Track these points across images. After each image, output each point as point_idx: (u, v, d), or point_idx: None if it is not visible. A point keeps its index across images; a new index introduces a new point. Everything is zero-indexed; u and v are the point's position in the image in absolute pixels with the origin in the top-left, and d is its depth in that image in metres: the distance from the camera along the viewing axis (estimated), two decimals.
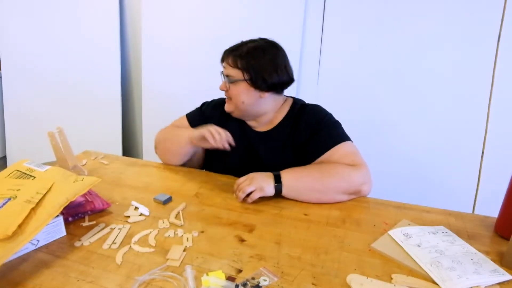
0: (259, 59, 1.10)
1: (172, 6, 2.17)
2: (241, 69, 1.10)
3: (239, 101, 1.13)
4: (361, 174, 1.03)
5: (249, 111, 1.16)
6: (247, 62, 1.10)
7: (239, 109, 1.16)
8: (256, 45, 1.13)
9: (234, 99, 1.14)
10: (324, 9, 1.96)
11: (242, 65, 1.10)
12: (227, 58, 1.13)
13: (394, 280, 0.71)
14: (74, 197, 0.82)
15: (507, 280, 0.71)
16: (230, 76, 1.12)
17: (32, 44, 2.38)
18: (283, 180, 1.00)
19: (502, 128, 1.85)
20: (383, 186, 1.96)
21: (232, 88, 1.13)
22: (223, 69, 1.15)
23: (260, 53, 1.11)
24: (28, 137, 2.52)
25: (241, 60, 1.10)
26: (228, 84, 1.13)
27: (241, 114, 1.18)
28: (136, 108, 2.57)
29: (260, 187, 0.98)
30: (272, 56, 1.12)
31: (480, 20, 1.78)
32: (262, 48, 1.12)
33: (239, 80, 1.11)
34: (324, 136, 1.11)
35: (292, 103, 1.21)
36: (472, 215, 0.98)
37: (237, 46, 1.13)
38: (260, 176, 1.00)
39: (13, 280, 0.69)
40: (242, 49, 1.11)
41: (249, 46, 1.12)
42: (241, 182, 1.01)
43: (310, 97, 2.02)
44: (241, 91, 1.12)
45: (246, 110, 1.16)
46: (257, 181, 0.98)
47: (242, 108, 1.15)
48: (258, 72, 1.10)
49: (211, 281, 0.68)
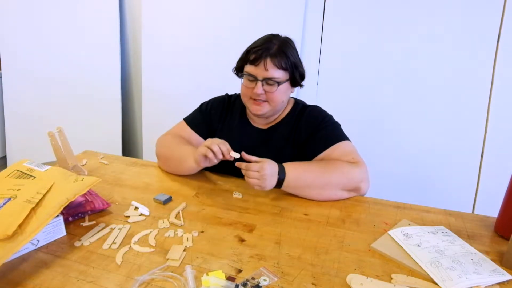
0: (293, 55, 1.09)
1: (172, 6, 2.17)
2: (286, 69, 1.07)
3: (280, 101, 1.11)
4: (360, 171, 1.04)
5: (281, 109, 1.16)
6: (289, 60, 1.07)
7: (276, 109, 1.13)
8: (283, 41, 1.09)
9: (276, 100, 1.09)
10: (324, 9, 1.96)
11: (286, 65, 1.07)
12: (265, 59, 1.05)
13: (394, 280, 0.71)
14: (74, 197, 0.82)
15: (507, 280, 0.71)
16: (275, 78, 1.06)
17: (32, 44, 2.38)
18: (286, 179, 0.99)
19: (502, 128, 1.85)
20: (383, 186, 1.96)
21: (277, 89, 1.07)
22: (261, 72, 1.06)
23: (291, 48, 1.09)
24: (28, 137, 2.52)
25: (284, 60, 1.06)
26: (274, 87, 1.07)
27: (273, 113, 1.15)
28: (136, 108, 2.57)
29: (264, 186, 0.96)
30: (296, 50, 1.12)
31: (479, 20, 1.78)
32: (288, 43, 1.10)
33: (284, 81, 1.09)
34: (324, 134, 1.12)
35: (294, 103, 1.21)
36: (472, 215, 0.98)
37: (267, 46, 1.06)
38: (270, 175, 0.96)
39: (13, 280, 0.69)
40: (275, 47, 1.06)
41: (278, 44, 1.07)
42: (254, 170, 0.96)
43: (310, 97, 2.02)
44: (284, 91, 1.10)
45: (281, 109, 1.15)
46: (265, 182, 0.95)
47: (279, 108, 1.14)
48: (297, 69, 1.10)
49: (211, 281, 0.68)
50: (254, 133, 1.20)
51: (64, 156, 1.08)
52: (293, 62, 1.09)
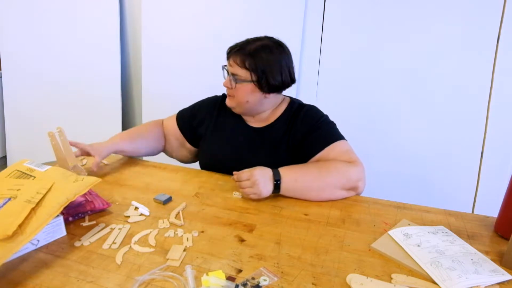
0: (266, 60, 1.09)
1: (172, 6, 2.17)
2: (248, 69, 1.09)
3: (244, 100, 1.13)
4: (358, 170, 1.04)
5: (252, 109, 1.17)
6: (255, 63, 1.08)
7: (241, 107, 1.16)
8: (263, 44, 1.10)
9: (239, 97, 1.13)
10: (324, 9, 1.96)
11: (250, 66, 1.09)
12: (235, 56, 1.10)
13: (394, 280, 0.71)
14: (74, 197, 0.82)
15: (507, 280, 0.72)
16: (237, 75, 1.10)
17: (32, 44, 2.38)
18: (282, 182, 0.99)
19: (502, 128, 1.85)
20: (383, 186, 1.96)
21: (238, 87, 1.12)
22: (229, 67, 1.13)
23: (268, 54, 1.09)
24: (28, 137, 2.52)
25: (249, 60, 1.08)
26: (234, 83, 1.12)
27: (243, 111, 1.19)
28: (136, 108, 2.57)
29: (260, 193, 0.97)
30: (278, 58, 1.11)
31: (479, 21, 1.78)
32: (269, 48, 1.10)
33: (246, 81, 1.10)
34: (321, 134, 1.12)
35: (289, 102, 1.22)
36: (472, 215, 0.98)
37: (244, 44, 1.11)
38: (262, 180, 0.97)
39: (13, 280, 0.69)
40: (250, 47, 1.09)
41: (256, 45, 1.09)
42: (243, 180, 0.99)
43: (309, 97, 2.03)
44: (247, 91, 1.12)
45: (249, 108, 1.16)
46: (258, 187, 0.97)
47: (245, 107, 1.16)
48: (265, 74, 1.09)
49: (211, 281, 0.68)
50: (249, 132, 1.20)
51: (64, 156, 1.08)
52: (263, 66, 1.08)
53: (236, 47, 1.12)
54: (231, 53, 1.12)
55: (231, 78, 1.12)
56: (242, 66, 1.09)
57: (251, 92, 1.12)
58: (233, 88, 1.12)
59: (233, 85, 1.12)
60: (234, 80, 1.12)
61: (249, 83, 1.10)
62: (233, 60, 1.11)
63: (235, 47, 1.12)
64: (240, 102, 1.14)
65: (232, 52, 1.12)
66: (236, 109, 1.18)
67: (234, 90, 1.13)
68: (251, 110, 1.17)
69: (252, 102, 1.14)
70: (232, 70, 1.12)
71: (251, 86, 1.11)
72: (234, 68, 1.11)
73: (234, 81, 1.12)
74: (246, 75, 1.10)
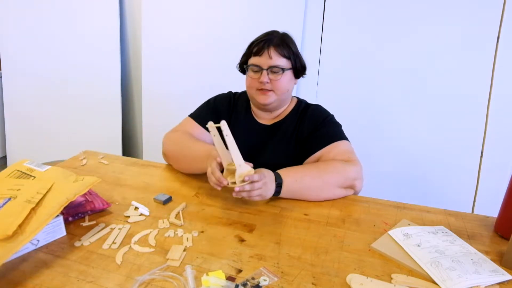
0: (294, 45, 1.14)
1: (172, 6, 2.17)
2: (287, 57, 1.12)
3: (285, 90, 1.14)
4: (355, 169, 1.05)
5: (285, 100, 1.19)
6: (291, 50, 1.12)
7: (281, 99, 1.16)
8: (283, 33, 1.15)
9: (282, 88, 1.13)
10: (324, 9, 1.96)
11: (288, 53, 1.12)
12: (269, 49, 1.10)
13: (394, 280, 0.71)
14: (74, 197, 0.82)
15: (507, 280, 0.71)
16: (279, 66, 1.10)
17: (32, 44, 2.38)
18: (284, 182, 0.98)
19: (501, 128, 1.85)
20: (383, 186, 1.97)
21: (281, 78, 1.12)
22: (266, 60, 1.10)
23: (291, 40, 1.15)
24: (28, 137, 2.52)
25: (285, 49, 1.11)
26: (278, 75, 1.11)
27: (278, 104, 1.18)
28: (136, 108, 2.57)
29: (266, 194, 0.94)
30: (295, 43, 1.16)
31: (479, 20, 1.78)
32: (288, 35, 1.15)
33: (288, 69, 1.12)
34: (325, 132, 1.13)
35: (297, 101, 1.24)
36: (471, 215, 0.98)
37: (270, 37, 1.12)
38: (270, 181, 0.95)
39: (13, 280, 0.69)
40: (277, 38, 1.12)
41: (280, 35, 1.14)
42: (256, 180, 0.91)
43: (310, 97, 2.02)
44: (288, 80, 1.14)
45: (283, 99, 1.17)
46: (266, 187, 0.93)
47: (284, 98, 1.17)
48: (298, 58, 1.15)
49: (211, 281, 0.68)
50: (259, 130, 1.21)
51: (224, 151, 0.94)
52: (295, 52, 1.14)
53: (266, 41, 1.11)
54: (264, 47, 1.10)
55: (268, 72, 1.11)
56: (283, 56, 1.11)
57: (290, 80, 1.15)
58: (277, 80, 1.11)
59: (277, 77, 1.11)
60: (277, 71, 1.11)
61: (289, 71, 1.13)
62: (267, 54, 1.10)
63: (265, 41, 1.11)
64: (283, 92, 1.14)
65: (264, 46, 1.10)
66: (273, 104, 1.16)
67: (275, 83, 1.11)
68: (284, 101, 1.19)
69: (290, 90, 1.17)
70: (271, 62, 1.10)
71: (290, 73, 1.14)
72: (274, 59, 1.10)
73: (277, 73, 1.11)
74: (286, 64, 1.12)
